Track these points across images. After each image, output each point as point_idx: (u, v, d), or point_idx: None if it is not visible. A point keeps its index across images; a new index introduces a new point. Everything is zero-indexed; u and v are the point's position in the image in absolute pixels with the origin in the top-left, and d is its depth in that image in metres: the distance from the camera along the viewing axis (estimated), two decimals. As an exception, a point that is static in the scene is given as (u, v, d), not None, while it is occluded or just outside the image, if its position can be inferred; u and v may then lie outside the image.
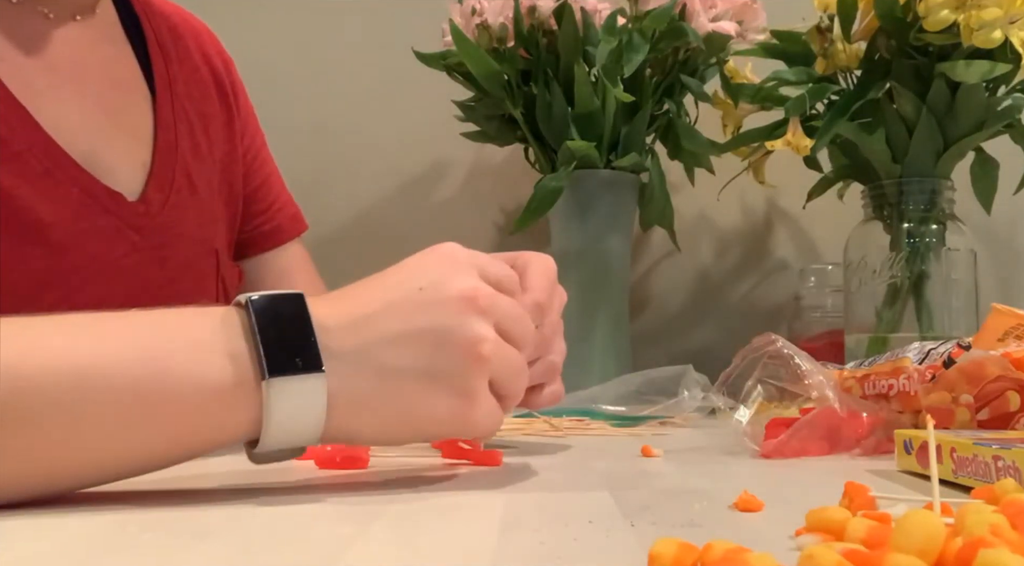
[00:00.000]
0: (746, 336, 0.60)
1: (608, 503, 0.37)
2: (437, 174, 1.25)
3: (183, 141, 0.69)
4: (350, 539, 0.30)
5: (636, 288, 1.20)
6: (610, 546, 0.29)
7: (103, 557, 0.28)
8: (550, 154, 1.02)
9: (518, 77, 0.99)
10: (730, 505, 0.36)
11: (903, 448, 0.48)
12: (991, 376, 0.55)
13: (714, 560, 0.24)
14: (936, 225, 0.90)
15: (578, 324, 1.00)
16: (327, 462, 0.48)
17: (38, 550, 0.29)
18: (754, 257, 1.22)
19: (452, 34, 0.96)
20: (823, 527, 0.28)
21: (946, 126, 0.88)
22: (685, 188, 1.11)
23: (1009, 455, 0.38)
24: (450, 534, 0.32)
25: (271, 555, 0.28)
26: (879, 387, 0.59)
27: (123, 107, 0.66)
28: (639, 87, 0.97)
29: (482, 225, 1.24)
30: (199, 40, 0.76)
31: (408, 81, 1.21)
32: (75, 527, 0.33)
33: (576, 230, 1.01)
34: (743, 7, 0.99)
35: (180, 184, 0.67)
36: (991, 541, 0.22)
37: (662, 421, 0.75)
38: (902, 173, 0.90)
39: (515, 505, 0.37)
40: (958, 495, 0.39)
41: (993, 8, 0.79)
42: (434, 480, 0.45)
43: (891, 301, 0.89)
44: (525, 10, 0.97)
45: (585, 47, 0.97)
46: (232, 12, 1.28)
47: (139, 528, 0.33)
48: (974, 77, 0.82)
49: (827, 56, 0.90)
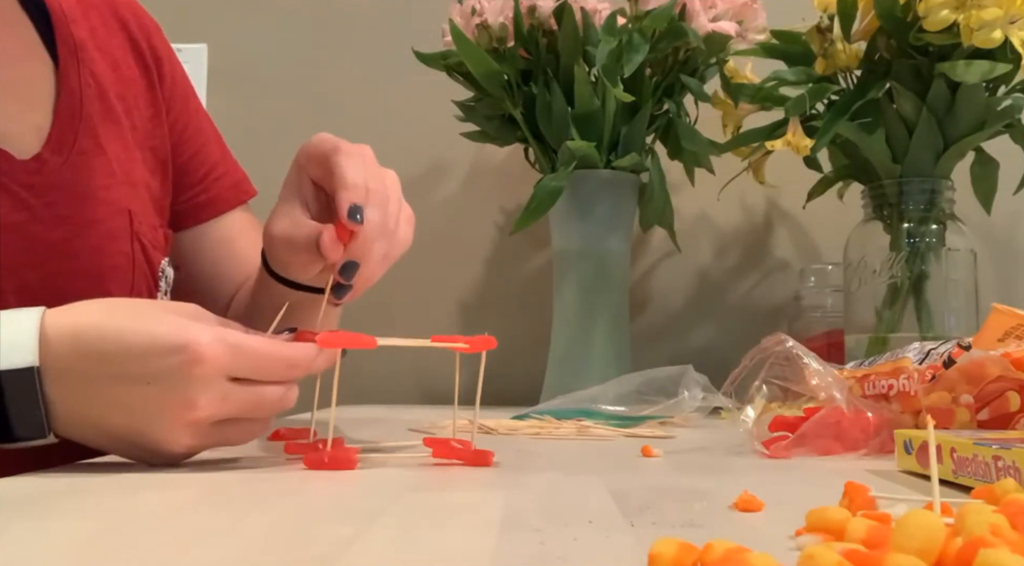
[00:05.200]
0: (746, 336, 0.60)
1: (608, 503, 0.37)
2: (437, 174, 1.25)
3: (91, 106, 0.68)
4: (350, 539, 0.30)
5: (636, 288, 1.20)
6: (610, 546, 0.29)
7: (103, 557, 0.28)
8: (550, 154, 1.02)
9: (518, 77, 0.99)
10: (730, 505, 0.36)
11: (903, 448, 0.48)
12: (991, 376, 0.55)
13: (714, 560, 0.24)
14: (936, 225, 0.90)
15: (578, 324, 1.00)
16: (316, 463, 0.47)
17: (38, 550, 0.29)
18: (754, 257, 1.22)
19: (452, 34, 0.96)
20: (823, 527, 0.28)
21: (946, 126, 0.88)
22: (685, 188, 1.11)
23: (1009, 455, 0.38)
24: (450, 534, 0.32)
25: (271, 555, 0.28)
26: (879, 387, 0.59)
27: (16, 79, 0.65)
28: (639, 87, 0.97)
29: (482, 225, 1.24)
30: (115, 7, 0.75)
31: (408, 81, 1.21)
32: (75, 527, 0.33)
33: (576, 230, 1.01)
34: (743, 7, 0.99)
35: (84, 146, 0.66)
36: (991, 541, 0.22)
37: (662, 421, 0.75)
38: (902, 173, 0.90)
39: (515, 505, 0.37)
40: (958, 495, 0.39)
41: (993, 8, 0.79)
42: (434, 480, 0.45)
43: (891, 301, 0.89)
44: (525, 10, 0.97)
45: (585, 47, 0.97)
46: (232, 12, 1.28)
47: (139, 528, 0.33)
48: (974, 77, 0.82)
49: (827, 56, 0.90)
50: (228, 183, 0.80)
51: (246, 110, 1.25)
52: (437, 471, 0.48)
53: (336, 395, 0.48)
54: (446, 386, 0.53)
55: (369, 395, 1.14)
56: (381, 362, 1.15)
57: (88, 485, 0.42)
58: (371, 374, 1.14)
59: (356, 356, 0.54)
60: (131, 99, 0.72)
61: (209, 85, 1.26)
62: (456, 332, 1.20)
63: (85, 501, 0.38)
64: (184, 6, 1.28)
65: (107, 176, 0.67)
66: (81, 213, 0.65)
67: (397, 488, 0.42)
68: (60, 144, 0.65)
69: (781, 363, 0.57)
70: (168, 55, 0.78)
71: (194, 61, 1.26)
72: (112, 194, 0.67)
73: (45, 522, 0.34)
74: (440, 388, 1.15)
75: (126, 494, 0.40)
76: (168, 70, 0.77)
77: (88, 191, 0.65)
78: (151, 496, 0.39)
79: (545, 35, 0.98)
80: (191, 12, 1.28)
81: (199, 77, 1.26)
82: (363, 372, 1.11)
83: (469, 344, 0.50)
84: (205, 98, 1.26)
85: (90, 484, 0.42)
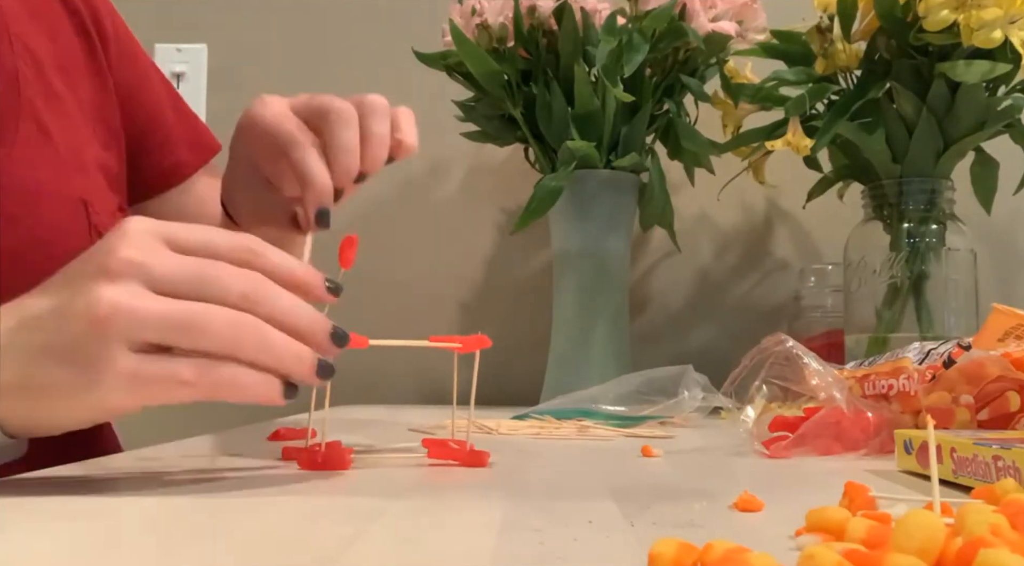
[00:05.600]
0: (746, 336, 0.60)
1: (608, 503, 0.37)
2: (437, 174, 1.25)
3: (29, 85, 0.60)
4: (350, 539, 0.30)
5: (636, 288, 1.20)
6: (610, 546, 0.29)
7: (103, 557, 0.28)
8: (550, 154, 1.02)
9: (518, 77, 0.99)
10: (730, 505, 0.36)
11: (903, 448, 0.48)
12: (991, 376, 0.55)
13: (714, 560, 0.24)
14: (936, 225, 0.90)
15: (578, 324, 1.00)
16: (310, 464, 0.47)
17: (38, 551, 0.29)
18: (754, 257, 1.22)
19: (452, 34, 0.96)
20: (823, 527, 0.28)
21: (946, 126, 0.88)
22: (685, 188, 1.11)
23: (1009, 455, 0.38)
24: (450, 534, 0.32)
25: (271, 555, 0.28)
26: (879, 387, 0.59)
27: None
28: (639, 87, 0.97)
29: (482, 225, 1.24)
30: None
31: (408, 81, 1.21)
32: (75, 528, 0.33)
33: (576, 230, 1.01)
34: (743, 7, 0.99)
35: (27, 133, 0.59)
36: (991, 541, 0.22)
37: (662, 421, 0.75)
38: (902, 173, 0.90)
39: (515, 505, 0.37)
40: (958, 495, 0.39)
41: (993, 8, 0.79)
42: (434, 480, 0.45)
43: (891, 301, 0.89)
44: (525, 10, 0.97)
45: (585, 47, 0.97)
46: (232, 12, 1.28)
47: (139, 528, 0.33)
48: (974, 77, 0.82)
49: (827, 56, 0.90)
50: (189, 143, 0.75)
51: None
52: (437, 471, 0.48)
53: (329, 394, 0.48)
54: (446, 386, 0.53)
55: (369, 395, 1.14)
56: (381, 362, 1.15)
57: (88, 485, 0.42)
58: (371, 374, 1.14)
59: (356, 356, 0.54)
60: (73, 70, 0.64)
61: (209, 85, 1.26)
62: (456, 332, 1.20)
63: (85, 501, 0.38)
64: (184, 6, 1.28)
65: (55, 165, 0.60)
66: (32, 213, 0.57)
67: (397, 488, 0.42)
68: (1, 134, 0.57)
69: (781, 363, 0.57)
70: (109, 11, 0.70)
71: (194, 61, 1.27)
72: (63, 185, 0.60)
73: (45, 522, 0.34)
74: (440, 388, 1.15)
75: (125, 494, 0.40)
76: (110, 29, 0.69)
77: (37, 185, 0.58)
78: (150, 496, 0.39)
79: (545, 35, 0.98)
80: (191, 12, 1.28)
81: (199, 77, 1.26)
82: (363, 372, 1.11)
83: (463, 344, 0.50)
84: (205, 98, 1.26)
85: (90, 484, 0.42)
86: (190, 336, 0.38)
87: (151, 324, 0.38)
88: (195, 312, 0.38)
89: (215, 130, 0.85)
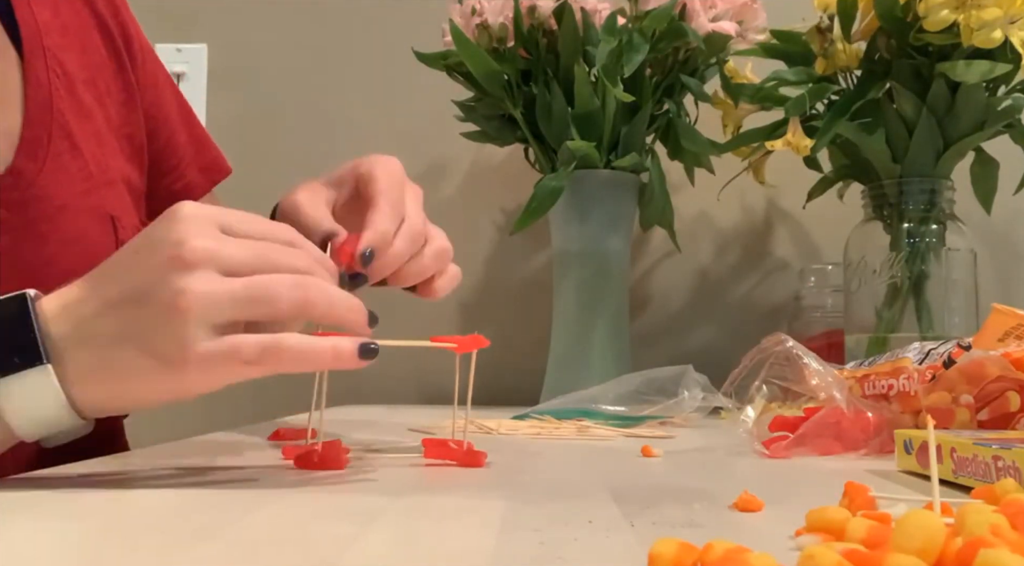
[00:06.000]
0: (746, 336, 0.60)
1: (608, 503, 0.37)
2: (437, 174, 1.25)
3: (61, 100, 0.60)
4: (350, 539, 0.30)
5: (636, 288, 1.20)
6: (610, 546, 0.29)
7: (102, 557, 0.28)
8: (550, 154, 1.02)
9: (518, 77, 0.99)
10: (730, 505, 0.36)
11: (903, 448, 0.48)
12: (991, 376, 0.55)
13: (714, 560, 0.24)
14: (936, 225, 0.90)
15: (578, 324, 1.00)
16: (305, 463, 0.47)
17: (38, 551, 0.29)
18: (754, 257, 1.22)
19: (452, 34, 0.96)
20: (823, 527, 0.28)
21: (946, 126, 0.88)
22: (685, 188, 1.11)
23: (1009, 455, 0.38)
24: (450, 534, 0.32)
25: (271, 555, 0.28)
26: (879, 387, 0.59)
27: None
28: (639, 87, 0.97)
29: (482, 225, 1.24)
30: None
31: (408, 81, 1.21)
32: (75, 527, 0.33)
33: (576, 230, 1.01)
34: (743, 7, 0.99)
35: (59, 148, 0.59)
36: (991, 541, 0.22)
37: (662, 421, 0.75)
38: (902, 173, 0.90)
39: (515, 505, 0.37)
40: (958, 495, 0.39)
41: (993, 8, 0.79)
42: (434, 480, 0.45)
43: (891, 301, 0.89)
44: (525, 10, 0.97)
45: (585, 47, 0.97)
46: (232, 12, 1.28)
47: (139, 528, 0.33)
48: (974, 77, 0.82)
49: (827, 56, 0.90)
50: (200, 166, 0.76)
51: (246, 110, 1.25)
52: (437, 471, 0.48)
53: (326, 394, 0.48)
54: (446, 386, 0.53)
55: (369, 395, 1.14)
56: (381, 362, 1.14)
57: (87, 485, 0.42)
58: (371, 374, 1.14)
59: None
60: (102, 85, 0.65)
61: (209, 85, 1.26)
62: (456, 332, 1.20)
63: (85, 501, 0.38)
64: (184, 6, 1.28)
65: (85, 180, 0.61)
66: (63, 228, 0.59)
67: (397, 488, 0.42)
68: (34, 149, 0.58)
69: (781, 363, 0.57)
70: (137, 31, 0.72)
71: (194, 61, 1.26)
72: (92, 200, 0.61)
73: (45, 522, 0.34)
74: (441, 388, 1.15)
75: (125, 494, 0.40)
76: (138, 48, 0.71)
77: (68, 201, 0.59)
78: (150, 496, 0.39)
79: (545, 35, 0.98)
80: (191, 12, 1.28)
81: (199, 77, 1.26)
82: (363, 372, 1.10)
83: (459, 344, 0.50)
84: (205, 98, 1.26)
85: (89, 484, 0.42)
86: (265, 306, 0.42)
87: (227, 305, 0.41)
88: (264, 284, 0.42)
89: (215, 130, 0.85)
